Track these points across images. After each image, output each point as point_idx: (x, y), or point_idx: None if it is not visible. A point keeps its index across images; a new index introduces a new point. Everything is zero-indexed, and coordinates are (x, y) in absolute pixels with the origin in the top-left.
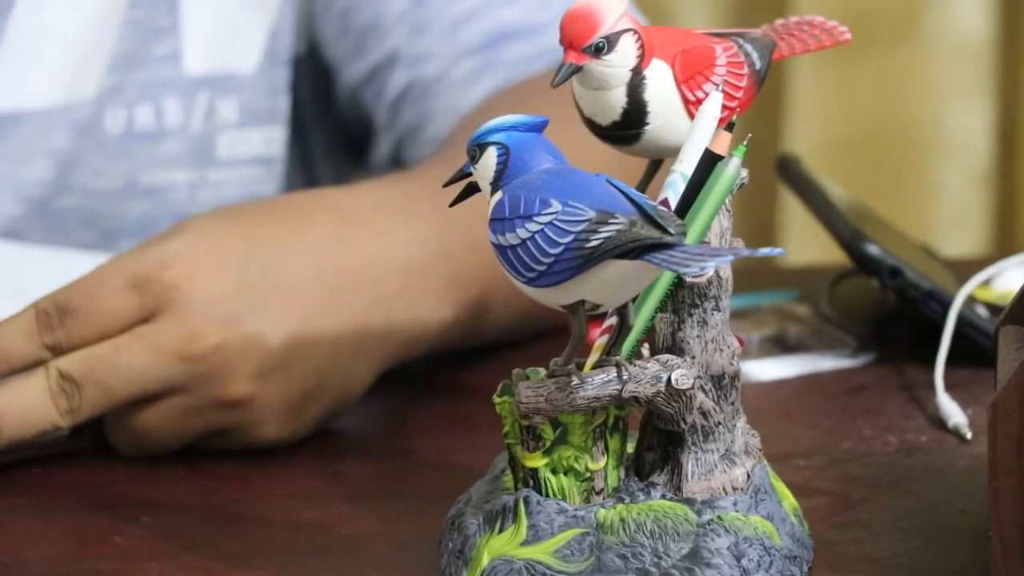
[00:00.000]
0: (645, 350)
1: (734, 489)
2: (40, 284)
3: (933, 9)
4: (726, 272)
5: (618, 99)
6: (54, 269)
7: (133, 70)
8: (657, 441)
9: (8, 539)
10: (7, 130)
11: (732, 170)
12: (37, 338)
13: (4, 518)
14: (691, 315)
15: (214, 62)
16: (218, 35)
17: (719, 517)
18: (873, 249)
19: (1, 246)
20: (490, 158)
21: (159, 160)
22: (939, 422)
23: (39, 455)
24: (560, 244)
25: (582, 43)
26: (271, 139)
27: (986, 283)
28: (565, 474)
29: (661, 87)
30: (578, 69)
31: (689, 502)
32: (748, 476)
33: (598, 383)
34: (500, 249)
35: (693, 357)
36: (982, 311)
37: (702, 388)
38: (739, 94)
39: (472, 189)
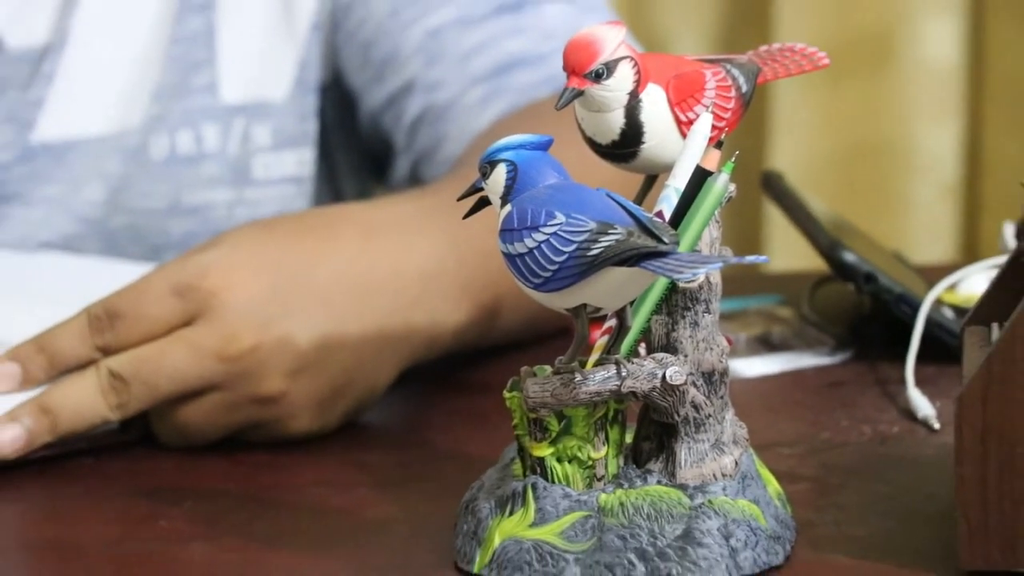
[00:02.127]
0: (642, 349)
1: (723, 475)
2: (92, 291)
3: (905, 39)
4: (716, 278)
5: (616, 120)
6: (105, 278)
7: (175, 100)
8: (653, 432)
9: (64, 522)
10: (64, 156)
11: (721, 185)
12: (89, 340)
13: (61, 503)
14: (684, 317)
15: (248, 91)
16: (251, 67)
17: (709, 501)
18: (849, 257)
19: (59, 257)
20: (500, 174)
21: (200, 181)
22: (910, 414)
23: (91, 446)
24: (564, 252)
25: (583, 70)
26: (301, 160)
27: (952, 287)
28: (569, 462)
29: (656, 109)
30: (580, 93)
31: (682, 487)
32: (736, 464)
33: (599, 379)
34: (509, 258)
35: (686, 355)
36: (949, 313)
37: (694, 384)
38: (727, 115)
39: (483, 203)
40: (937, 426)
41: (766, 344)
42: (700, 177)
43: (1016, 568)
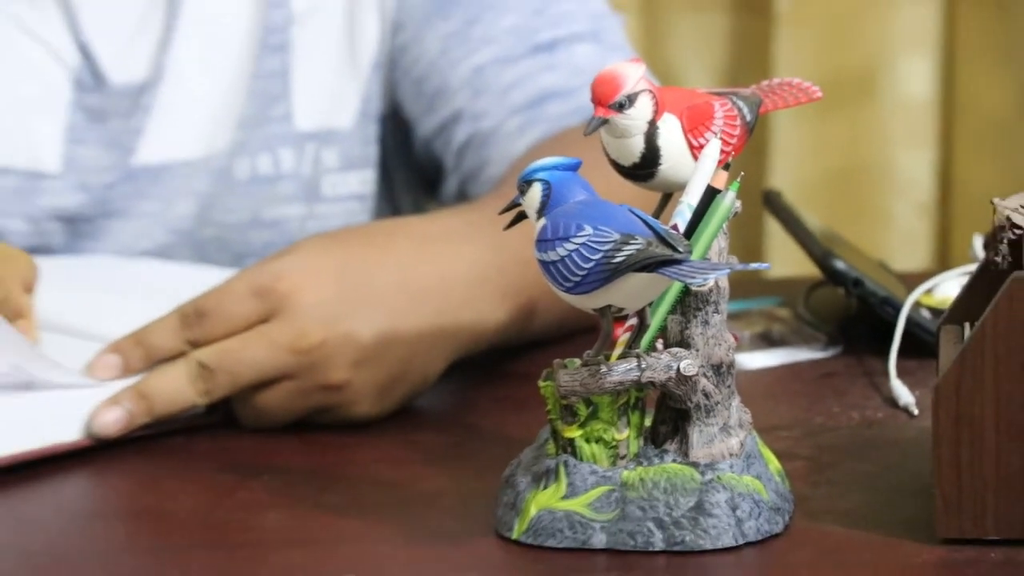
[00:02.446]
0: (660, 344)
1: (730, 455)
2: (183, 292)
3: (886, 76)
4: (724, 282)
5: (637, 145)
6: (194, 281)
7: (256, 128)
8: (669, 417)
9: (158, 493)
10: (159, 177)
11: (728, 201)
12: (180, 334)
13: (154, 477)
14: (696, 316)
15: (319, 120)
16: (321, 99)
17: (718, 477)
18: (840, 264)
19: (155, 264)
20: (536, 192)
21: (276, 198)
22: (892, 402)
23: (181, 428)
24: (591, 260)
25: (608, 101)
26: (364, 180)
27: (929, 292)
28: (596, 443)
29: (671, 135)
30: (605, 122)
31: (694, 465)
32: (741, 444)
33: (622, 371)
34: (544, 264)
35: (697, 350)
36: (926, 314)
37: (704, 375)
38: (733, 141)
39: (521, 217)
40: (916, 412)
41: (767, 340)
42: (710, 195)
43: (984, 536)
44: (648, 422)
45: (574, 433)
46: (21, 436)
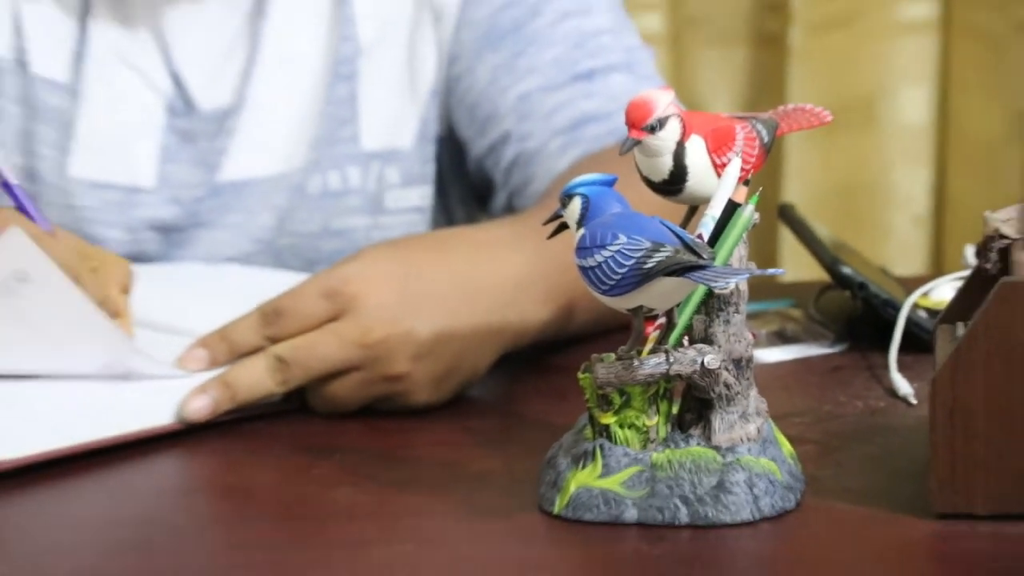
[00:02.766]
0: (686, 341)
1: (748, 439)
2: (262, 294)
3: (888, 103)
4: (743, 286)
5: (666, 163)
6: (272, 284)
7: (326, 148)
8: (693, 405)
9: (239, 472)
10: (243, 192)
11: (748, 214)
12: (260, 331)
13: (237, 457)
14: (718, 316)
15: (383, 141)
16: (385, 123)
17: (738, 459)
18: (846, 270)
19: (239, 268)
20: (576, 205)
21: (345, 211)
22: (893, 392)
23: (261, 414)
24: (625, 266)
25: (641, 124)
26: (423, 195)
27: (925, 295)
28: (629, 428)
29: (697, 155)
30: (638, 143)
31: (716, 448)
32: (758, 430)
33: (652, 364)
34: (583, 270)
35: (720, 346)
36: (923, 314)
37: (726, 368)
38: (752, 160)
39: (563, 227)
40: (915, 402)
41: (781, 337)
42: (731, 208)
43: (975, 512)
44: (675, 410)
45: (609, 419)
46: (120, 420)
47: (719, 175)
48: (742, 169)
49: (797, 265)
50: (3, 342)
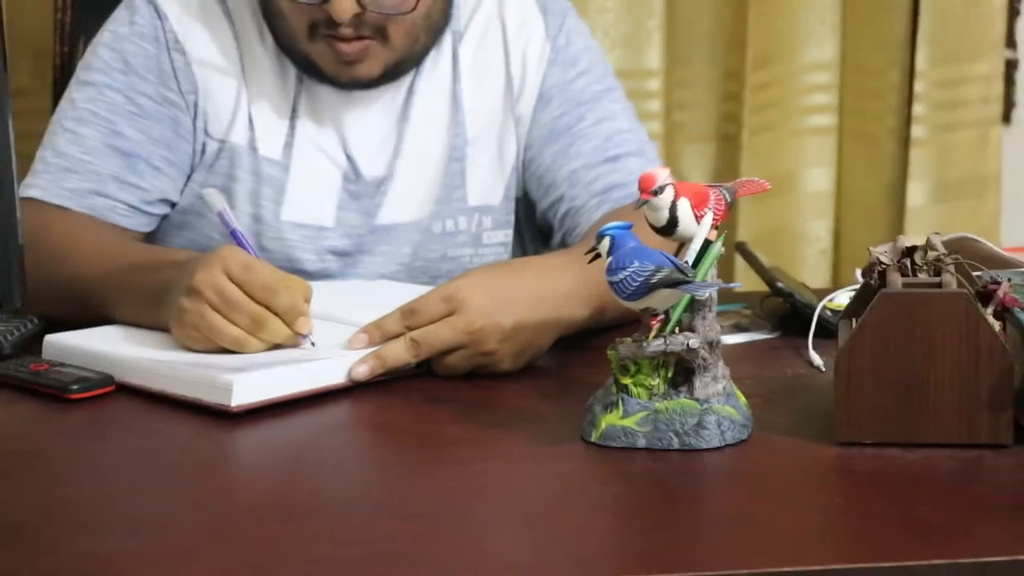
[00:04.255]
0: (677, 330)
1: (717, 394)
2: (402, 298)
3: (802, 177)
4: (714, 294)
5: (664, 215)
6: (409, 292)
7: (445, 204)
8: (682, 372)
9: (386, 414)
10: (391, 232)
11: (717, 248)
12: (401, 323)
13: (385, 404)
14: (698, 313)
15: (481, 200)
16: (482, 188)
17: (711, 407)
18: (780, 284)
19: (387, 282)
20: (606, 242)
21: (456, 245)
22: (810, 364)
23: (400, 376)
24: (638, 281)
25: (648, 190)
26: (506, 235)
27: (830, 300)
28: (640, 387)
29: (685, 210)
30: (646, 202)
31: (697, 400)
32: (724, 388)
33: (655, 345)
34: (611, 283)
35: (699, 333)
36: (829, 314)
37: (703, 348)
38: (720, 213)
39: (597, 256)
40: (824, 370)
41: (738, 328)
42: (706, 244)
43: (863, 441)
44: (670, 375)
45: (627, 381)
46: (312, 379)
47: (699, 223)
48: (713, 220)
49: (748, 281)
50: None
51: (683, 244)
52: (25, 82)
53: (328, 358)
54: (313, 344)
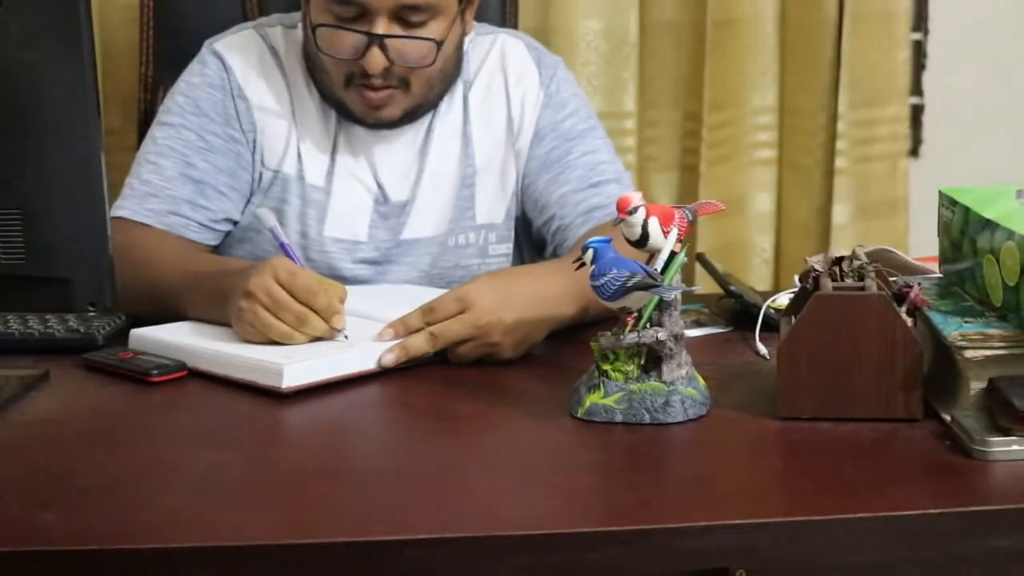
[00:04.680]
0: (649, 325)
1: (681, 378)
2: (422, 299)
3: (750, 201)
4: (678, 296)
5: (638, 231)
6: (428, 294)
7: (457, 222)
8: (652, 359)
9: (408, 393)
10: (413, 246)
11: (681, 258)
12: (422, 319)
13: (407, 385)
14: (666, 311)
15: (487, 218)
16: (488, 209)
17: (676, 388)
18: (732, 287)
19: (411, 286)
20: (590, 253)
21: (466, 256)
22: (757, 353)
23: (421, 363)
24: (616, 284)
25: (625, 210)
26: (508, 248)
27: (774, 300)
28: (617, 372)
29: (654, 227)
30: (623, 220)
31: (665, 383)
32: (687, 373)
33: (630, 338)
34: (594, 287)
35: (666, 327)
36: (773, 312)
37: (670, 339)
38: (684, 230)
39: (583, 264)
40: (769, 359)
41: (698, 324)
42: (672, 255)
43: (801, 416)
44: (643, 362)
45: (607, 367)
46: (348, 365)
47: (666, 238)
48: (678, 235)
49: (706, 285)
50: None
51: (653, 255)
52: (116, 123)
53: (361, 348)
54: (346, 337)
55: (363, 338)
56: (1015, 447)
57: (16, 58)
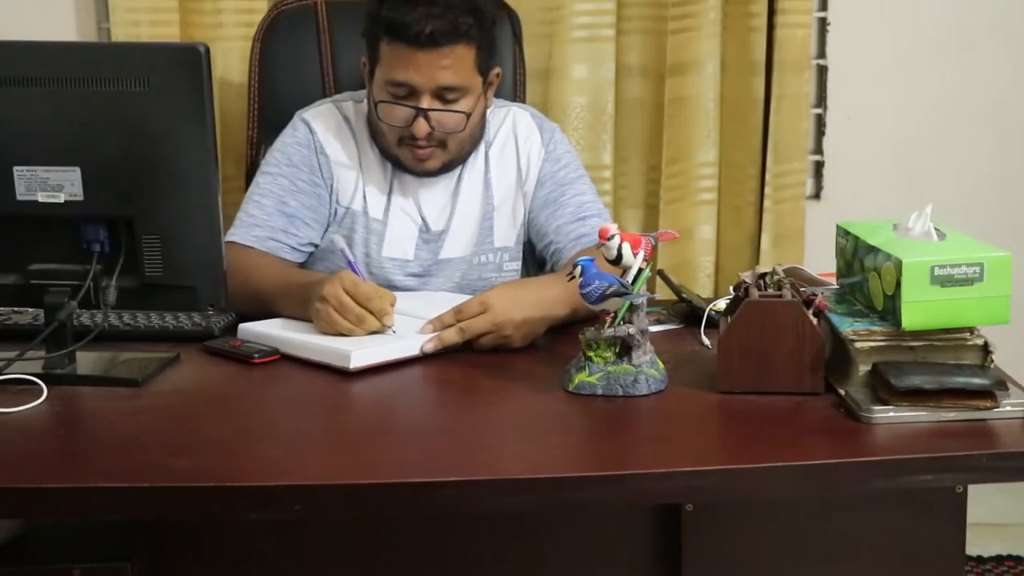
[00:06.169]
0: (622, 322)
1: (646, 362)
2: (454, 303)
3: (697, 232)
4: (644, 301)
5: (614, 253)
6: (459, 299)
7: (480, 245)
8: (624, 348)
9: (441, 372)
10: (448, 263)
11: (646, 273)
12: (453, 318)
13: (443, 365)
14: (635, 312)
15: (503, 242)
16: (503, 235)
17: (642, 370)
18: (684, 295)
19: (446, 293)
20: (579, 269)
21: (487, 271)
22: (703, 344)
23: (452, 351)
24: (599, 292)
25: (604, 237)
26: (518, 265)
27: (715, 304)
28: (599, 357)
29: (627, 250)
30: (603, 245)
31: (634, 365)
32: (650, 358)
33: (608, 332)
34: (582, 294)
35: (635, 325)
36: (714, 313)
37: (638, 333)
38: (648, 252)
39: (573, 277)
40: (711, 348)
41: (658, 322)
42: (639, 271)
43: (734, 391)
44: (618, 350)
45: (591, 353)
46: (398, 352)
47: (635, 258)
48: (644, 256)
49: (664, 293)
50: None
51: (625, 270)
52: (230, 172)
53: (408, 339)
54: (394, 331)
55: (409, 331)
56: (891, 413)
57: (158, 124)
